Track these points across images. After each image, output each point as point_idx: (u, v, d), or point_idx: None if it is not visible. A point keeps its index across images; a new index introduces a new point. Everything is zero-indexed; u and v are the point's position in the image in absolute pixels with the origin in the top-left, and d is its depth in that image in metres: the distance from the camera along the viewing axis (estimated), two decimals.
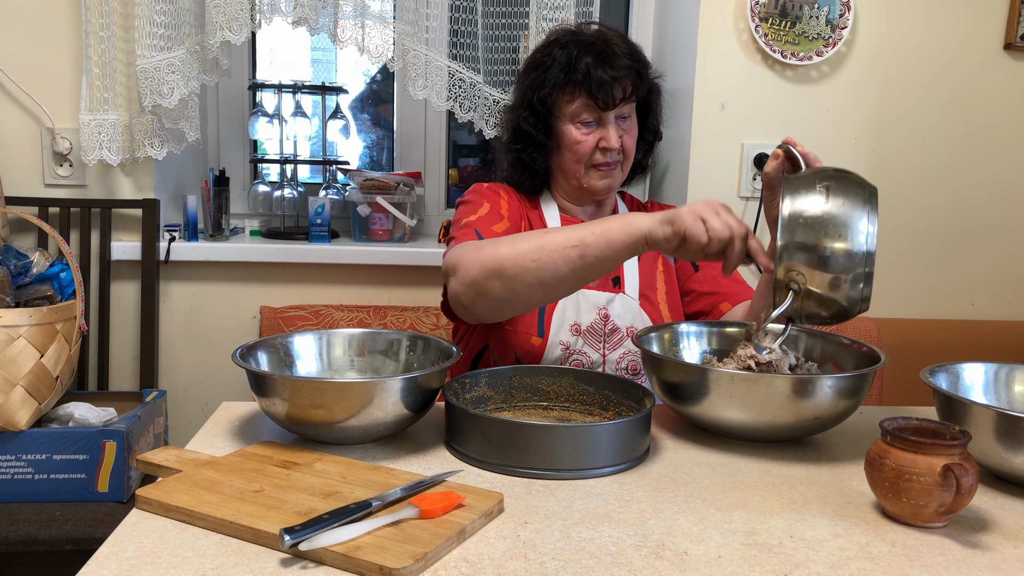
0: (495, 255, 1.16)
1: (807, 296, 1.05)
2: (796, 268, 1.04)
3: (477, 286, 1.19)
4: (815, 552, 0.82)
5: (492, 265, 1.16)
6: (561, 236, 1.14)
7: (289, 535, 0.76)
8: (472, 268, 1.18)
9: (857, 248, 1.03)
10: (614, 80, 1.36)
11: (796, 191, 1.05)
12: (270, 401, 1.02)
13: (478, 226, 1.34)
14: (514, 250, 1.15)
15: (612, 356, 1.39)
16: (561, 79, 1.38)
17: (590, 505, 0.91)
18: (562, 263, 1.13)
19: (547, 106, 1.41)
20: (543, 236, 1.15)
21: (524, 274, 1.15)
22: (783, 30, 1.96)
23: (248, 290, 2.04)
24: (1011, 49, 2.06)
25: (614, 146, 1.39)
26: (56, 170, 1.94)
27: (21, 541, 1.48)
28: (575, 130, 1.40)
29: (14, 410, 1.52)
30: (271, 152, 2.23)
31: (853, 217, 1.03)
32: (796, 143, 1.14)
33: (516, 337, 1.36)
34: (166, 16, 1.83)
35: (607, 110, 1.38)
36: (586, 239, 1.12)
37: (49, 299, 1.63)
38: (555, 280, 1.15)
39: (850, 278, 1.03)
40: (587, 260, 1.13)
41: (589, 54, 1.37)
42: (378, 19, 1.88)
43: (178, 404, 2.07)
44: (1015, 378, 1.16)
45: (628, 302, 1.42)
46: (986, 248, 2.16)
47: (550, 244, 1.14)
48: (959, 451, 0.86)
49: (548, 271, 1.14)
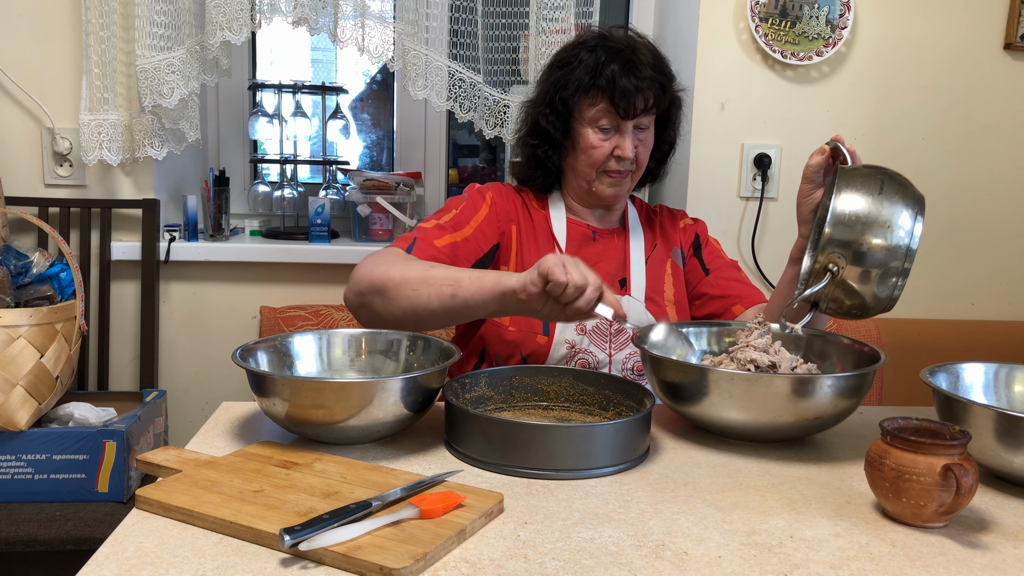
0: (385, 275, 1.23)
1: (840, 284, 1.10)
2: (837, 253, 1.08)
3: (362, 297, 1.25)
4: (815, 552, 0.82)
5: (379, 283, 1.23)
6: (444, 272, 1.21)
7: (289, 535, 0.76)
8: (363, 282, 1.25)
9: (898, 245, 1.07)
10: (637, 90, 1.36)
11: (851, 181, 1.10)
12: (270, 401, 1.02)
13: (420, 235, 1.36)
14: (402, 275, 1.22)
15: (618, 356, 1.39)
16: (585, 82, 1.38)
17: (590, 505, 0.91)
18: (435, 298, 1.19)
19: (568, 107, 1.41)
20: (431, 269, 1.22)
21: (401, 299, 1.21)
22: (783, 30, 1.96)
23: (248, 290, 2.04)
24: (1011, 49, 2.06)
25: (628, 156, 1.39)
26: (56, 170, 1.94)
27: (21, 541, 1.48)
28: (592, 135, 1.39)
29: (14, 410, 1.52)
30: (271, 152, 2.23)
31: (902, 216, 1.07)
32: (844, 140, 1.19)
33: (521, 336, 1.37)
34: (166, 16, 1.83)
35: (626, 119, 1.38)
36: (462, 280, 1.19)
37: (49, 299, 1.63)
38: (426, 312, 1.21)
39: (883, 273, 1.08)
40: (457, 300, 1.18)
41: (616, 61, 1.36)
42: (378, 19, 1.88)
43: (178, 404, 2.07)
44: (1015, 378, 1.16)
45: (634, 303, 1.42)
46: (986, 248, 2.16)
47: (432, 277, 1.20)
48: (959, 451, 0.86)
49: (422, 302, 1.20)
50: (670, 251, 1.52)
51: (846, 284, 1.09)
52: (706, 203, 2.06)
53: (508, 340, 1.37)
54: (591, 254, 1.45)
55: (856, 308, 1.12)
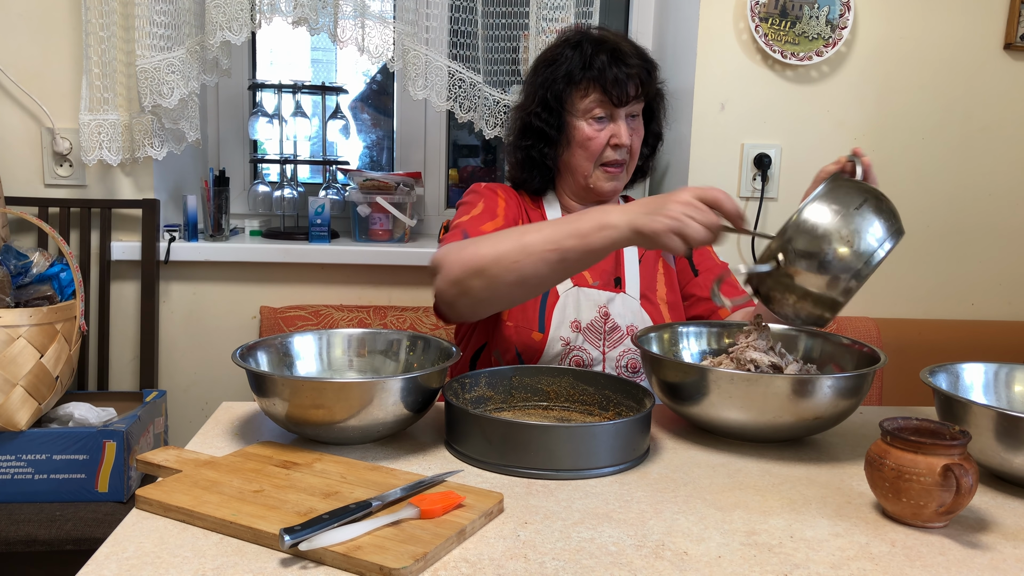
0: (476, 255, 1.19)
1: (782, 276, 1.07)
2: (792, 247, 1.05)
3: (460, 284, 1.21)
4: (815, 552, 0.82)
5: (473, 265, 1.19)
6: (536, 235, 1.17)
7: (289, 535, 0.76)
8: (455, 267, 1.21)
9: (853, 264, 1.04)
10: (628, 77, 1.40)
11: (837, 187, 1.08)
12: (270, 401, 1.02)
13: (467, 227, 1.36)
14: (495, 251, 1.18)
15: (612, 354, 1.39)
16: (576, 75, 1.41)
17: (590, 505, 0.91)
18: (542, 264, 1.16)
19: (560, 101, 1.43)
20: (523, 236, 1.18)
21: (505, 274, 1.18)
22: (783, 30, 1.96)
23: (248, 290, 2.04)
24: (1011, 49, 2.06)
25: (625, 142, 1.42)
26: (56, 170, 1.94)
27: (21, 541, 1.48)
28: (587, 126, 1.42)
29: (14, 410, 1.52)
30: (271, 152, 2.23)
31: (866, 237, 1.04)
32: (863, 154, 1.18)
33: (517, 332, 1.37)
34: (166, 16, 1.83)
35: (620, 106, 1.41)
36: (560, 241, 1.15)
37: (49, 299, 1.63)
38: (536, 280, 1.18)
39: (830, 284, 1.05)
40: (568, 262, 1.16)
41: (603, 51, 1.41)
42: (378, 19, 1.88)
43: (178, 404, 2.07)
44: (1015, 378, 1.16)
45: (629, 302, 1.42)
46: (986, 248, 2.16)
47: (528, 244, 1.17)
48: (959, 451, 0.86)
49: (529, 271, 1.17)
50: (662, 251, 1.52)
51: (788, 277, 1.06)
52: None
53: (505, 336, 1.38)
54: None
55: (792, 309, 1.09)
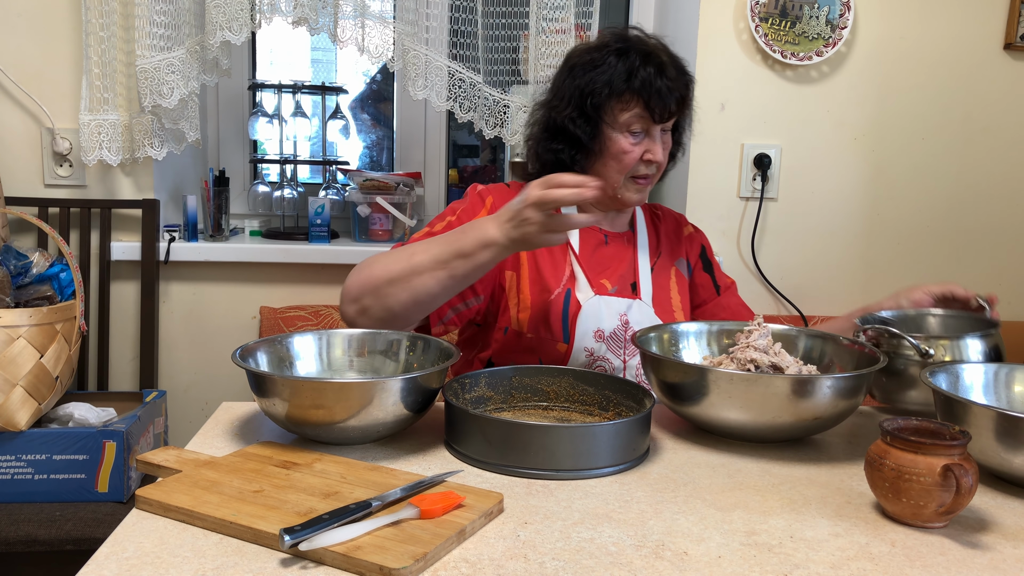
0: (371, 276, 1.24)
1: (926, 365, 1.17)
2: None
3: (357, 303, 1.25)
4: (815, 552, 0.82)
5: (368, 285, 1.24)
6: (425, 255, 1.21)
7: (289, 535, 0.76)
8: (352, 288, 1.26)
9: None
10: (670, 91, 1.34)
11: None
12: (270, 401, 1.02)
13: (416, 236, 1.35)
14: (386, 271, 1.23)
15: (632, 362, 1.39)
16: (619, 86, 1.35)
17: (590, 505, 0.91)
18: (432, 283, 1.20)
19: (598, 110, 1.37)
20: (412, 257, 1.22)
21: (399, 293, 1.22)
22: (783, 30, 1.96)
23: (248, 290, 2.04)
24: (1011, 49, 2.06)
25: (659, 160, 1.38)
26: (56, 170, 1.94)
27: (21, 541, 1.48)
28: (623, 140, 1.36)
29: (14, 410, 1.52)
30: (271, 152, 2.23)
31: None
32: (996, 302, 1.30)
33: (541, 344, 1.36)
34: (166, 16, 1.83)
35: (659, 123, 1.36)
36: (448, 262, 1.19)
37: (49, 299, 1.63)
38: (427, 298, 1.22)
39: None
40: (456, 279, 1.20)
41: (650, 64, 1.34)
42: (378, 19, 1.88)
43: (178, 404, 2.06)
44: (1015, 378, 1.16)
45: (644, 308, 1.41)
46: (986, 248, 2.16)
47: (417, 265, 1.21)
48: (959, 451, 0.86)
49: (421, 290, 1.21)
50: (675, 260, 1.52)
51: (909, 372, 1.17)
52: (706, 203, 2.06)
53: (526, 347, 1.37)
54: (603, 258, 1.44)
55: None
